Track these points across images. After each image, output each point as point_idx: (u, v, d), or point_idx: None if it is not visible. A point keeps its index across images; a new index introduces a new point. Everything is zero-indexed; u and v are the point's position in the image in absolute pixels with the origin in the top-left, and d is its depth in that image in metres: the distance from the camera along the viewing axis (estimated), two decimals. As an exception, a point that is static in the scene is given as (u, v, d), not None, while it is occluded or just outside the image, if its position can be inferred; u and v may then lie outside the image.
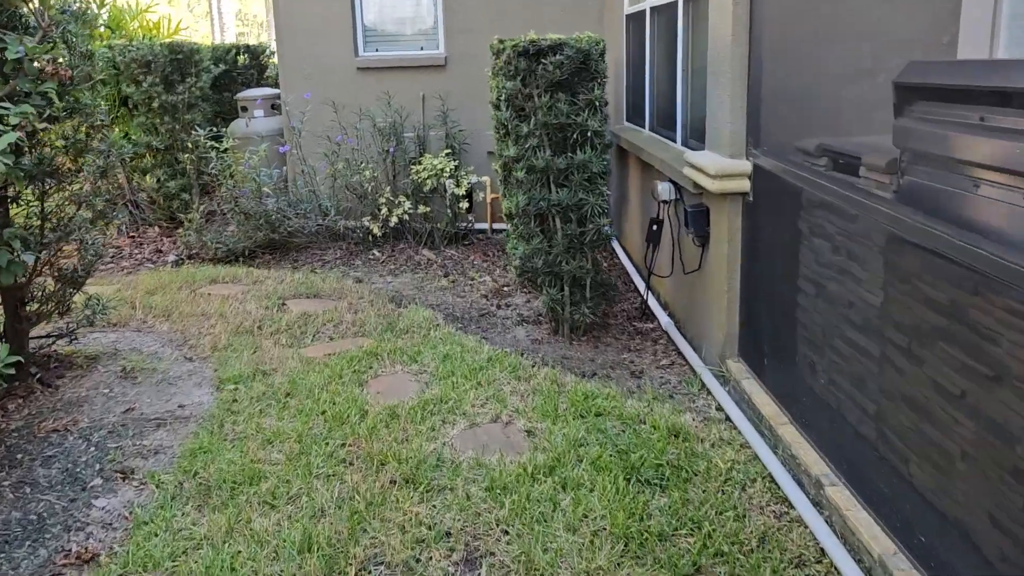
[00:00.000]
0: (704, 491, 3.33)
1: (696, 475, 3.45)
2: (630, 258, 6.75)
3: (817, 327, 3.67)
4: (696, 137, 5.26)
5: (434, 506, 3.28)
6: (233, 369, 4.74)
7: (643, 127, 6.67)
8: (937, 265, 2.72)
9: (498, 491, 3.34)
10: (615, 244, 7.15)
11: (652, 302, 5.54)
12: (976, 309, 2.50)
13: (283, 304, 5.95)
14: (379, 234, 7.47)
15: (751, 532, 3.06)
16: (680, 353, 4.86)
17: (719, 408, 4.13)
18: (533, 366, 4.66)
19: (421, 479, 3.45)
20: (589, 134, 4.71)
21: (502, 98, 4.88)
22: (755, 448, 3.62)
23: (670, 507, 3.21)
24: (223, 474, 3.57)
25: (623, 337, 5.24)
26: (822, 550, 2.96)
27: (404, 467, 3.53)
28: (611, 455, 3.59)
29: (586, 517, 3.18)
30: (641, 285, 5.86)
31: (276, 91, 8.64)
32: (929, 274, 2.79)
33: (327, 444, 3.79)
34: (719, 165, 4.08)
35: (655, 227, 5.28)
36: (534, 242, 4.86)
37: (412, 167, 7.39)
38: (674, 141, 5.69)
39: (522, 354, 4.89)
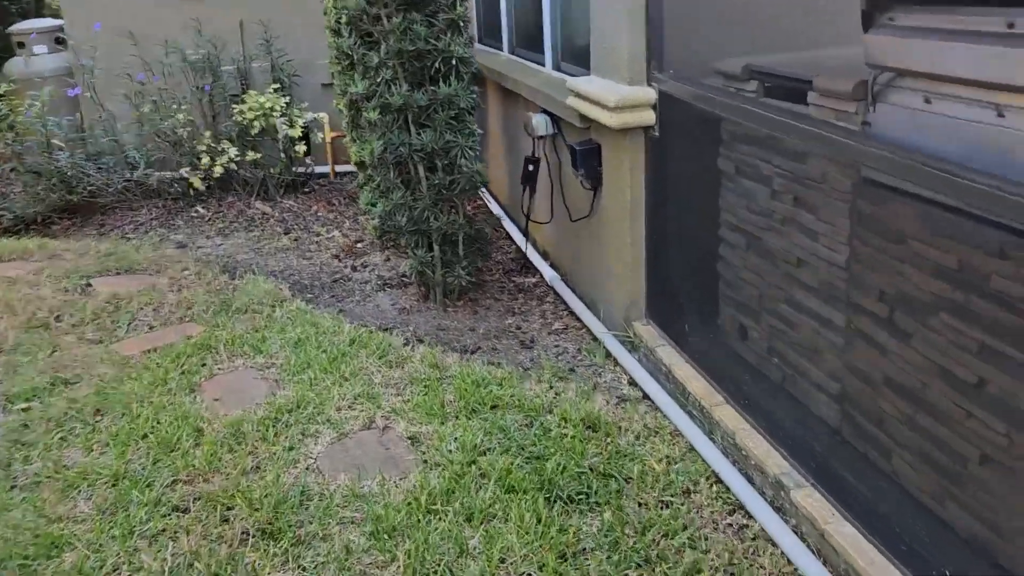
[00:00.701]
0: (642, 505, 2.71)
1: (628, 483, 2.82)
2: (496, 200, 6.01)
3: (754, 288, 3.07)
4: (572, 60, 4.52)
5: (304, 569, 2.50)
6: (23, 380, 3.71)
7: (500, 49, 5.86)
8: (935, 217, 2.13)
9: (386, 536, 2.59)
10: (477, 183, 6.38)
11: (532, 253, 4.84)
12: (996, 274, 1.92)
13: (88, 285, 4.86)
14: (202, 188, 6.37)
15: (714, 563, 2.45)
16: (573, 314, 4.21)
17: (633, 383, 3.51)
18: (406, 345, 3.89)
19: (283, 528, 2.65)
20: (454, 61, 3.89)
21: (343, 21, 3.96)
22: (689, 437, 3.02)
23: (606, 535, 2.56)
24: (7, 546, 2.64)
25: (503, 297, 4.54)
26: None
27: (259, 513, 2.71)
28: (521, 466, 2.90)
29: (504, 562, 2.49)
30: (515, 232, 5.15)
31: (59, 22, 7.22)
32: (926, 228, 2.20)
33: (152, 486, 2.91)
34: (619, 95, 3.37)
35: (531, 167, 4.55)
36: (395, 196, 4.03)
37: (235, 107, 6.30)
38: (542, 65, 4.93)
39: (390, 329, 4.10)
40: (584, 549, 2.52)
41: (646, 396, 3.38)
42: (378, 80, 3.86)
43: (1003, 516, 2.06)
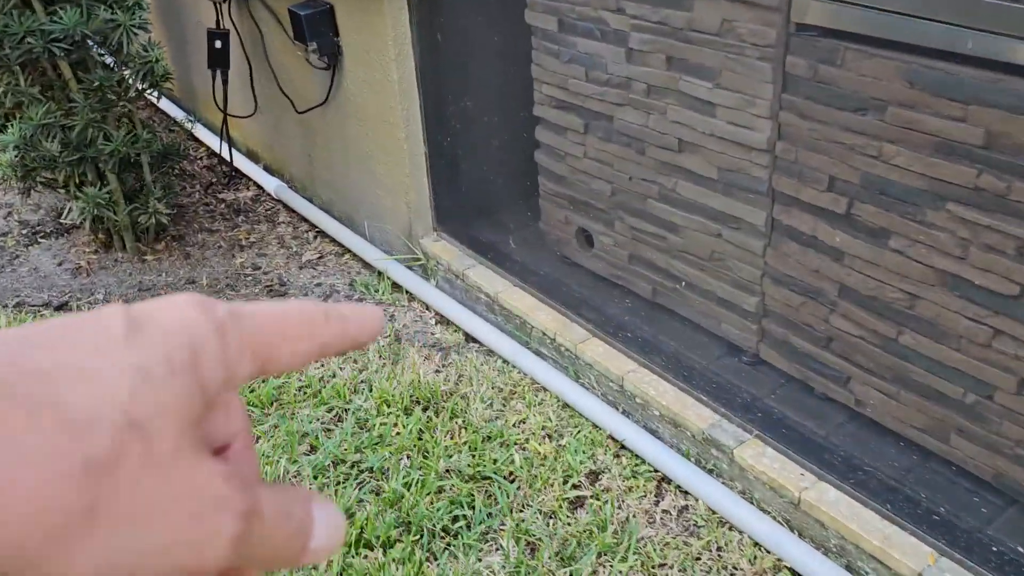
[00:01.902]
0: (552, 516, 1.96)
1: (515, 483, 2.05)
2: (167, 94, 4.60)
3: (605, 182, 2.33)
4: None
5: None
6: None
7: None
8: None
9: None
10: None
11: (240, 159, 3.69)
12: None
13: None
14: None
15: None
16: (326, 235, 3.22)
17: (443, 320, 2.69)
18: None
19: None
20: None
21: None
22: (558, 390, 2.29)
23: (525, 580, 1.81)
24: None
25: (218, 225, 3.39)
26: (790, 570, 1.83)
27: None
28: (365, 502, 2.01)
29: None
30: (205, 134, 3.91)
31: None
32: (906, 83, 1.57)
33: None
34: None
35: (218, 43, 3.33)
36: (35, 112, 2.69)
37: None
38: None
39: (66, 304, 2.87)
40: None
41: (471, 338, 2.58)
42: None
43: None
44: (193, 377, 0.28)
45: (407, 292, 2.83)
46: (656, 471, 2.04)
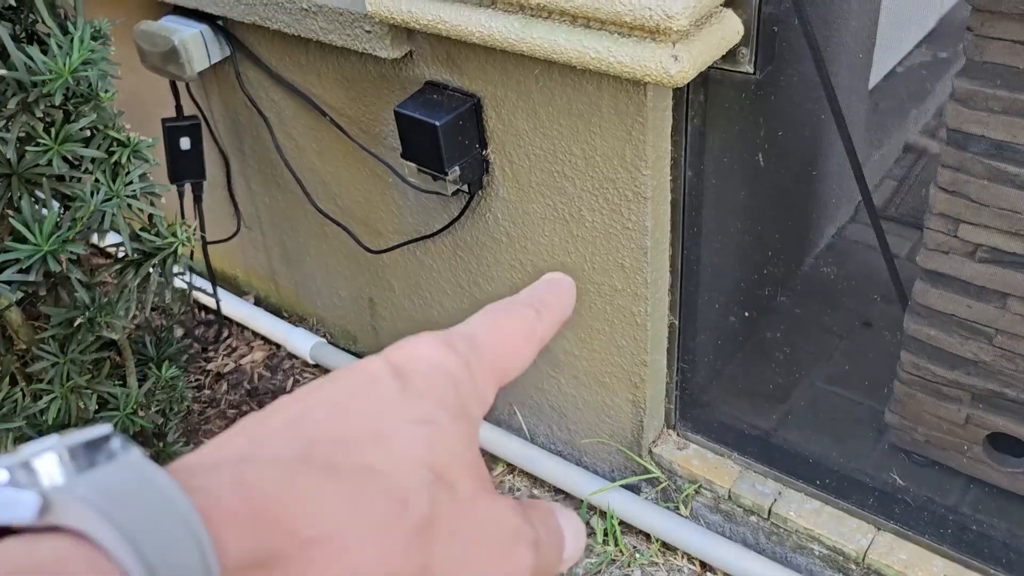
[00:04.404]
0: None
1: None
2: None
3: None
4: None
5: None
6: None
7: None
8: None
9: None
10: None
11: (236, 306, 2.35)
12: None
13: None
14: None
15: None
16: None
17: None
18: None
19: None
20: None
21: None
22: None
23: None
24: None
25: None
26: None
27: None
28: None
29: None
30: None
31: None
32: None
33: None
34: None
35: (184, 139, 1.98)
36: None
37: None
38: None
39: None
40: None
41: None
42: None
43: None
44: (466, 417, 0.29)
45: (653, 538, 1.76)
46: None
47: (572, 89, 1.39)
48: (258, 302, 2.41)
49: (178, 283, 1.90)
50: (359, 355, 2.20)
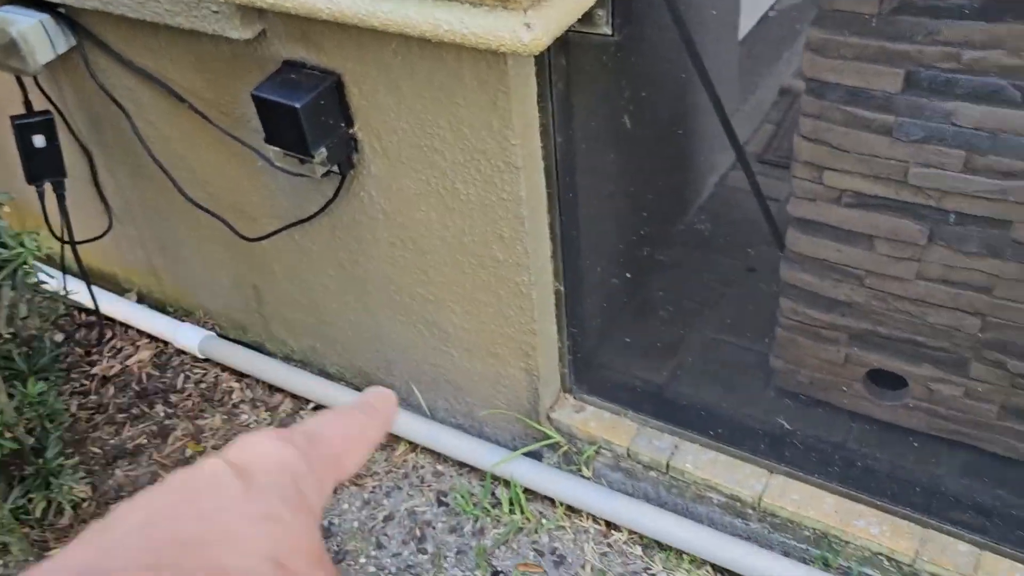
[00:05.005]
0: None
1: None
2: None
3: (976, 316, 1.43)
4: None
5: None
6: None
7: None
8: None
9: None
10: None
11: (116, 304, 2.25)
12: None
13: None
14: None
15: None
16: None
17: (656, 546, 1.69)
18: None
19: None
20: None
21: None
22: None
23: None
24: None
25: (131, 433, 2.04)
26: None
27: None
28: None
29: None
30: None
31: None
32: None
33: None
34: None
35: (35, 137, 1.87)
36: None
37: None
38: None
39: None
40: None
41: (721, 569, 1.62)
42: None
43: None
44: (306, 509, 0.31)
45: (557, 503, 1.77)
46: None
47: (432, 61, 1.35)
48: (141, 299, 2.31)
49: (53, 287, 1.81)
50: (251, 346, 2.14)
